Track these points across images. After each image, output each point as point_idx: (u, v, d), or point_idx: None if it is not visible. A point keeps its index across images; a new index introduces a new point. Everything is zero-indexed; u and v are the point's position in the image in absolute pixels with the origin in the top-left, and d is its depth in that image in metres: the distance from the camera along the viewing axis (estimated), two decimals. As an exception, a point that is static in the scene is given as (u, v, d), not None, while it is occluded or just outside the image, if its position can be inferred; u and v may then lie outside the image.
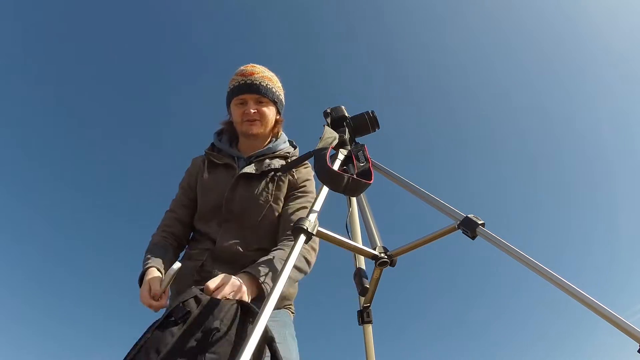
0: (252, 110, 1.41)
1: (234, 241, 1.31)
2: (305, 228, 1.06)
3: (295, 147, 1.58)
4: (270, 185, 1.38)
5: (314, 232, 1.08)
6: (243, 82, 1.43)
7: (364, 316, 1.51)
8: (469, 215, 1.18)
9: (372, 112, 1.53)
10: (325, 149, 1.29)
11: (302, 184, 1.43)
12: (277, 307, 1.28)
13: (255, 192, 1.36)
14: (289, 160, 1.47)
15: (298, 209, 1.35)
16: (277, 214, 1.37)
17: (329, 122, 1.52)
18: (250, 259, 1.24)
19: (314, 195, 1.37)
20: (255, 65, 1.49)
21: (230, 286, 1.01)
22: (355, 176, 1.22)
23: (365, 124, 1.52)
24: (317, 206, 1.20)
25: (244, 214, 1.35)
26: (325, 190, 1.27)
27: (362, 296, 1.43)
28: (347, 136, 1.46)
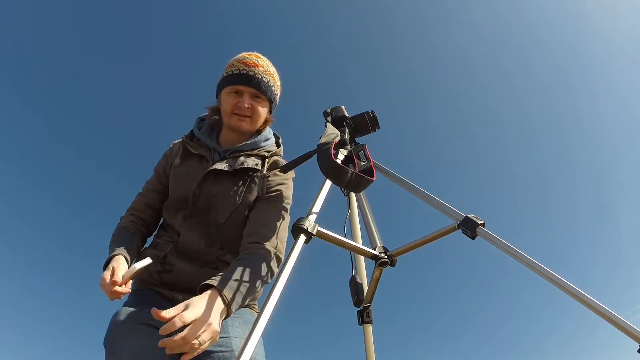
0: (247, 105, 1.31)
1: (197, 237, 1.25)
2: (305, 228, 1.06)
3: (279, 146, 1.46)
4: (240, 185, 1.29)
5: (314, 232, 1.08)
6: (244, 71, 1.31)
7: (364, 316, 1.51)
8: (469, 215, 1.18)
9: (372, 112, 1.53)
10: (329, 143, 1.29)
11: (276, 188, 1.32)
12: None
13: (224, 190, 1.27)
14: (268, 160, 1.37)
15: (270, 213, 1.25)
16: (244, 215, 1.28)
17: (329, 120, 1.52)
18: (214, 256, 1.23)
19: (289, 200, 1.33)
20: (259, 55, 1.38)
21: (199, 326, 0.86)
22: (358, 172, 1.22)
23: (365, 124, 1.52)
24: (317, 206, 1.20)
25: (209, 212, 1.27)
26: (325, 190, 1.27)
27: (357, 307, 1.43)
28: (347, 136, 1.46)
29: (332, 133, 1.37)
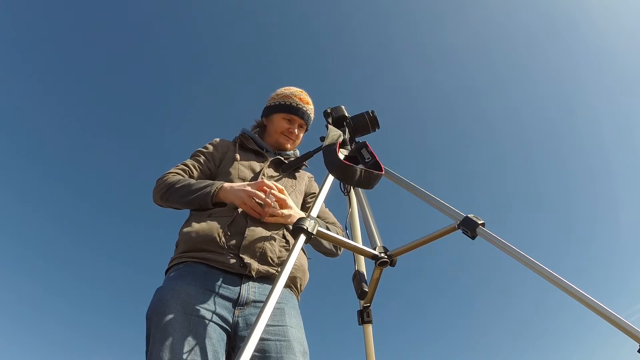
0: (296, 132, 1.66)
1: None
2: (305, 228, 1.06)
3: None
4: (292, 177, 1.59)
5: (314, 232, 1.08)
6: (301, 106, 1.66)
7: (364, 316, 1.50)
8: (469, 215, 1.18)
9: (372, 112, 1.53)
10: (333, 144, 1.29)
11: (313, 193, 1.65)
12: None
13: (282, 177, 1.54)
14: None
15: (326, 210, 1.63)
16: (297, 201, 1.51)
17: (330, 122, 1.52)
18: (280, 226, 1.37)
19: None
20: (308, 96, 1.74)
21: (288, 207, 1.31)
22: (366, 168, 1.23)
23: (365, 124, 1.52)
24: (317, 206, 1.20)
25: None
26: (325, 190, 1.27)
27: (361, 299, 1.43)
28: (347, 136, 1.46)
29: (335, 134, 1.37)
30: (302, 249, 1.09)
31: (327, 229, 1.42)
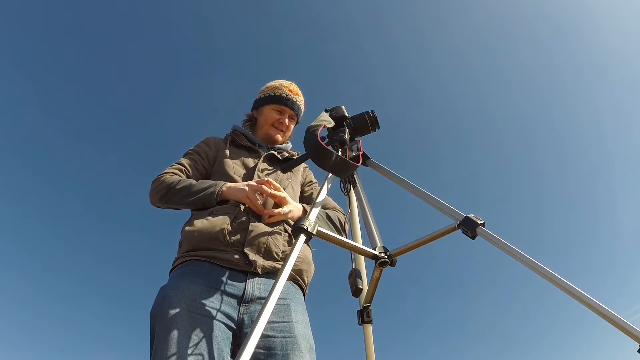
0: (286, 122, 1.65)
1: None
2: (305, 228, 1.06)
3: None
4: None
5: (314, 232, 1.08)
6: (290, 97, 1.66)
7: (364, 316, 1.50)
8: (469, 215, 1.18)
9: (372, 112, 1.53)
10: (317, 126, 1.30)
11: (313, 180, 1.67)
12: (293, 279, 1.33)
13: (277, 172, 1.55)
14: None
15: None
16: (294, 194, 1.52)
17: (326, 112, 1.53)
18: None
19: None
20: (298, 88, 1.74)
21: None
22: (342, 157, 1.23)
23: (365, 123, 1.52)
24: (317, 206, 1.20)
25: None
26: (325, 190, 1.27)
27: (356, 297, 1.43)
28: (347, 136, 1.46)
29: (323, 120, 1.38)
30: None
31: (328, 216, 1.44)
